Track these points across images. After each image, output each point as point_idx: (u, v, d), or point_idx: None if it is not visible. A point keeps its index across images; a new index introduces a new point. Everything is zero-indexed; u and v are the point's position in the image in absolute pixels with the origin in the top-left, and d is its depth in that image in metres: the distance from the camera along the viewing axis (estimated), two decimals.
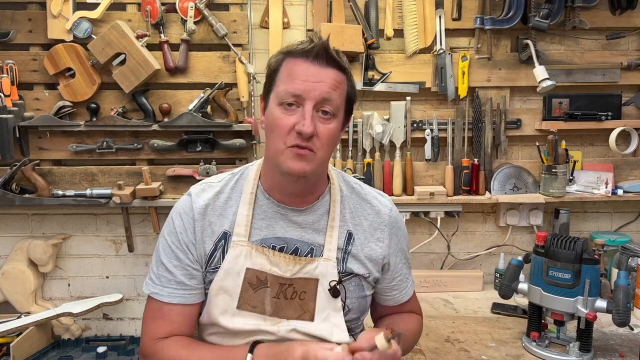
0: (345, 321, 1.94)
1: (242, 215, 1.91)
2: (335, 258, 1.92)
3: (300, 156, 1.75)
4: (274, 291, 1.89)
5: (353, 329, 2.01)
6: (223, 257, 1.89)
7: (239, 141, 3.26)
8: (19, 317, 3.18)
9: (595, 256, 2.44)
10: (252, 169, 2.01)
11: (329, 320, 1.91)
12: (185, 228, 1.91)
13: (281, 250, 1.91)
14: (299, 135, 1.72)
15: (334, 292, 1.90)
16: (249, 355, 1.74)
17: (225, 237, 1.91)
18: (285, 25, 3.35)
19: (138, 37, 3.14)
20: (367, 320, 2.30)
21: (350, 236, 1.98)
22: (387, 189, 3.39)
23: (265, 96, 1.86)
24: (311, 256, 1.92)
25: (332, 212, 1.97)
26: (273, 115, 1.77)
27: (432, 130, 3.42)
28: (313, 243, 1.93)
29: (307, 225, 1.94)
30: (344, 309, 1.94)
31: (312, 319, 1.90)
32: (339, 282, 1.92)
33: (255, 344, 1.78)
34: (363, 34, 3.25)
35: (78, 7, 3.18)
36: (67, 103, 3.21)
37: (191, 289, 1.91)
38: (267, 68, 1.86)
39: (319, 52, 1.74)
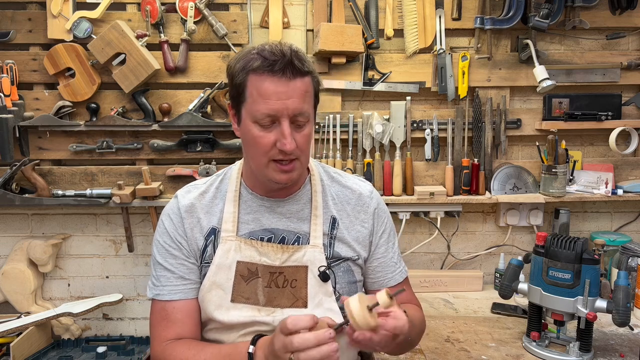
0: (339, 306, 1.98)
1: (228, 212, 1.98)
2: (322, 244, 1.99)
3: (285, 171, 1.83)
4: (265, 281, 1.94)
5: (346, 316, 2.02)
6: (213, 253, 1.96)
7: (239, 141, 3.26)
8: (18, 317, 3.19)
9: (595, 256, 2.44)
10: (235, 169, 2.08)
11: (322, 306, 1.96)
12: (176, 226, 1.98)
13: (269, 240, 1.97)
14: (280, 151, 1.79)
15: (324, 276, 1.95)
16: (251, 346, 1.74)
17: (214, 232, 1.97)
18: (285, 25, 3.36)
19: (138, 37, 3.15)
20: None
21: (334, 221, 2.04)
22: (387, 189, 3.40)
23: (235, 106, 1.88)
24: (298, 244, 1.98)
25: (315, 201, 2.03)
26: (251, 133, 1.81)
27: (432, 130, 3.42)
28: (299, 231, 2.00)
29: (291, 214, 2.01)
30: (335, 295, 1.98)
31: (305, 306, 1.95)
32: (328, 267, 1.97)
33: (257, 337, 1.79)
34: (363, 34, 3.26)
35: (78, 7, 3.18)
36: (67, 103, 3.21)
37: (191, 283, 1.97)
38: (228, 74, 1.87)
39: (285, 68, 1.75)
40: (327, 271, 1.96)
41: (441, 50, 3.35)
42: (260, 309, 1.93)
